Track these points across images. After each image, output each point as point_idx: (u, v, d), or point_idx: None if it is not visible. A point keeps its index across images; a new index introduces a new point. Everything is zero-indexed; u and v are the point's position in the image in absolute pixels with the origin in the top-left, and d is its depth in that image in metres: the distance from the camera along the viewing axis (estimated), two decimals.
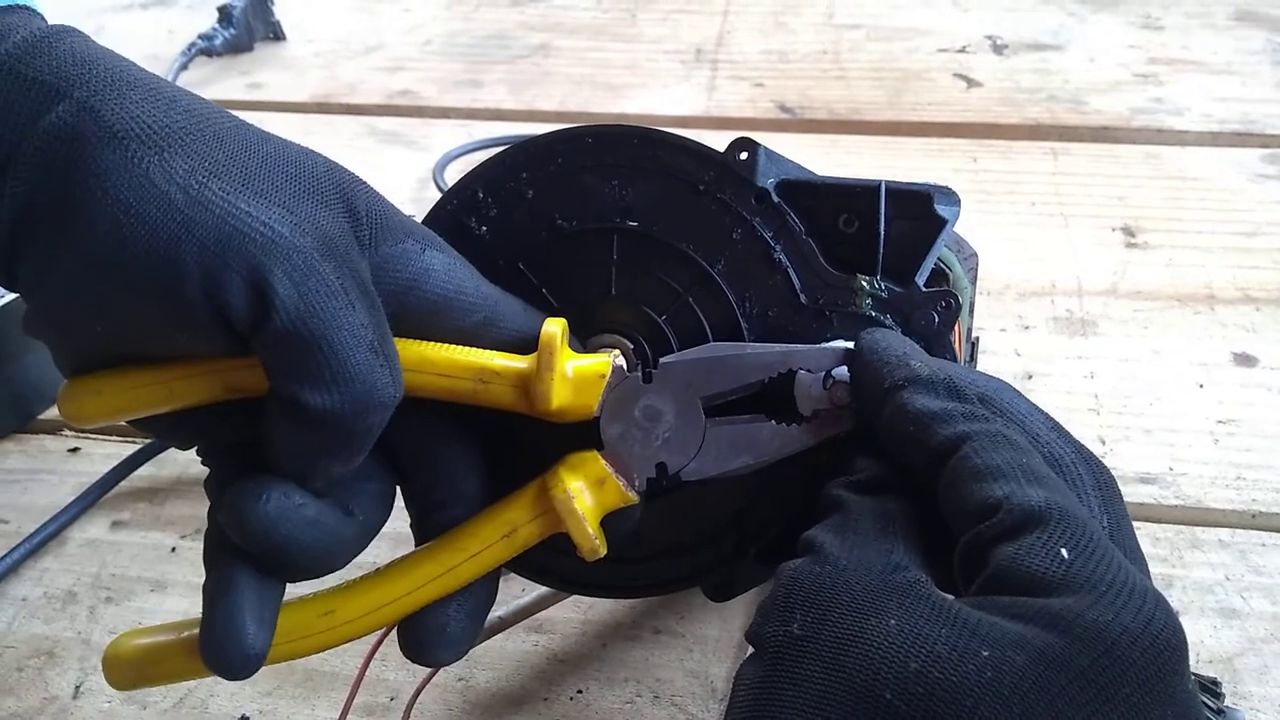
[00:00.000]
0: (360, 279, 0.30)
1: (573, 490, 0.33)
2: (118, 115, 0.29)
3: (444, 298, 0.33)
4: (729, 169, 0.36)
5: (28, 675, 0.47)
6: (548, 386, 0.33)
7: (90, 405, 0.32)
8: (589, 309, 0.37)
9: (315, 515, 0.32)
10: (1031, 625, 0.25)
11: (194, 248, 0.28)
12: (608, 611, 0.49)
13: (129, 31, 1.05)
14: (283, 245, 0.29)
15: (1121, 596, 0.25)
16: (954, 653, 0.25)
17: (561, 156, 0.37)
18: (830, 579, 0.28)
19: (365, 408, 0.30)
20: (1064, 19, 0.97)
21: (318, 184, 0.31)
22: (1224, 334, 0.62)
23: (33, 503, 0.56)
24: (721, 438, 0.34)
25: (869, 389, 0.32)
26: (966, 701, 0.24)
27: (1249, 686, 0.44)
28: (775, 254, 0.36)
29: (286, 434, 0.31)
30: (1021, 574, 0.26)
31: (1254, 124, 0.80)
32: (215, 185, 0.29)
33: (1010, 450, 0.29)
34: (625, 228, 0.37)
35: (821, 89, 0.88)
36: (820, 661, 0.26)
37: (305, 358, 0.29)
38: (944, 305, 0.35)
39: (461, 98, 0.91)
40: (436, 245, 0.34)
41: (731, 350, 0.34)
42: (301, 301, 0.29)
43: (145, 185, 0.28)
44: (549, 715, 0.45)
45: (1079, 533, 0.27)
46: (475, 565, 0.34)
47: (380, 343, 0.30)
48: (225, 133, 0.31)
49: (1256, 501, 0.52)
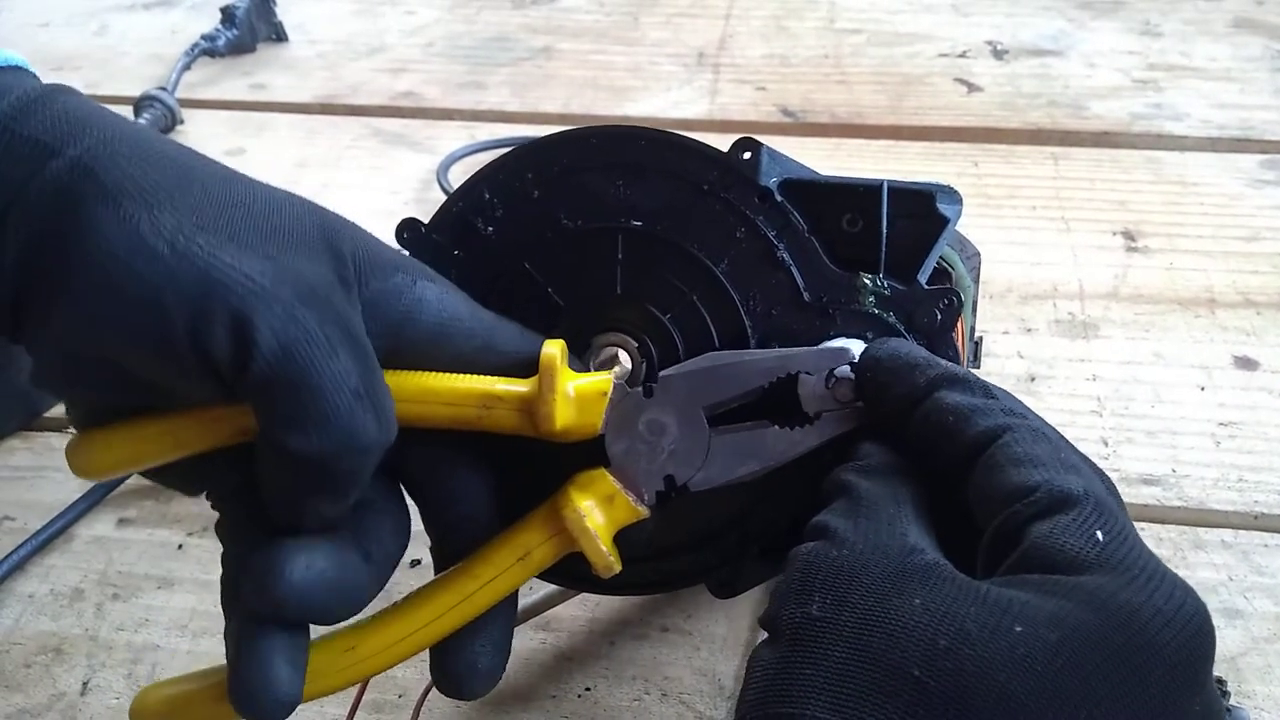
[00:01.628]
0: (345, 324, 0.31)
1: (583, 509, 0.34)
2: (110, 173, 0.30)
3: (439, 325, 0.34)
4: (732, 169, 0.37)
5: (35, 672, 0.47)
6: (551, 408, 0.33)
7: (99, 458, 0.33)
8: (594, 308, 0.38)
9: (335, 576, 0.33)
10: (1065, 602, 0.25)
11: (180, 298, 0.29)
12: (615, 610, 0.49)
13: (132, 31, 1.05)
14: (263, 295, 0.30)
15: (1154, 580, 0.26)
16: (985, 630, 0.25)
17: (567, 157, 0.38)
18: (848, 561, 0.28)
19: (348, 451, 0.31)
20: (1064, 25, 0.97)
21: (301, 232, 0.32)
22: (1225, 337, 0.62)
23: (39, 500, 0.56)
24: (727, 446, 0.34)
25: (901, 389, 0.32)
26: (999, 676, 0.24)
27: (1253, 685, 0.44)
28: (779, 253, 0.36)
29: (275, 477, 0.32)
30: (1055, 551, 0.26)
31: (1253, 130, 0.81)
32: (201, 239, 0.30)
33: (1048, 443, 0.29)
34: (630, 227, 0.37)
35: (824, 93, 0.89)
36: (842, 641, 0.26)
37: (287, 402, 0.30)
38: (946, 303, 0.36)
39: (465, 99, 0.91)
40: (427, 276, 0.35)
41: (730, 358, 0.34)
42: (281, 349, 0.29)
43: (135, 240, 0.29)
44: (557, 713, 0.45)
45: (1113, 518, 0.27)
46: (492, 591, 0.35)
47: (366, 387, 0.31)
48: (211, 185, 0.32)
49: (1259, 503, 0.52)
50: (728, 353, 0.35)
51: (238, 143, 0.86)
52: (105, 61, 1.00)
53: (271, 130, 0.88)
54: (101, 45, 1.03)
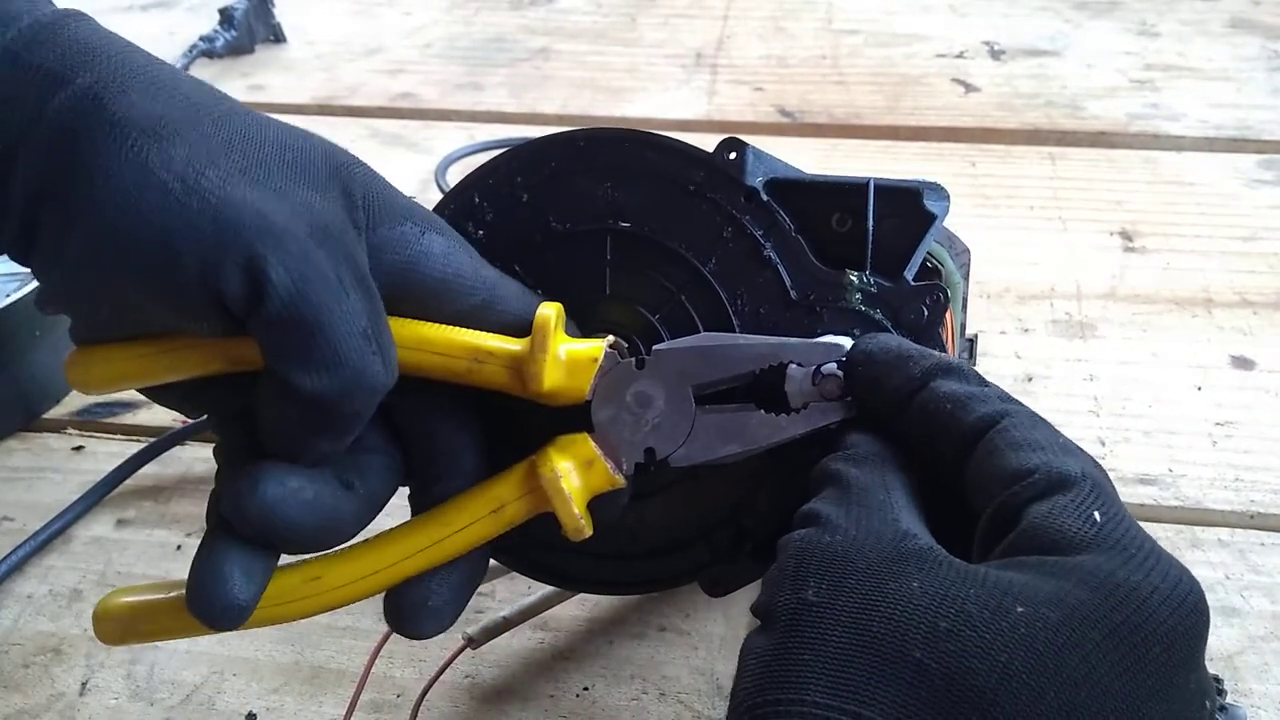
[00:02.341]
0: (355, 264, 0.31)
1: (560, 470, 0.34)
2: (119, 104, 0.30)
3: (442, 280, 0.34)
4: (718, 169, 0.37)
5: (34, 672, 0.48)
6: (540, 368, 0.33)
7: (97, 371, 0.33)
8: (584, 309, 0.38)
9: (312, 498, 0.32)
10: (1064, 582, 0.25)
11: (191, 235, 0.29)
12: (613, 609, 0.49)
13: (130, 33, 1.04)
14: (277, 232, 0.29)
15: (1150, 559, 0.26)
16: (985, 610, 0.25)
17: (555, 160, 0.38)
18: (841, 547, 0.28)
19: (355, 392, 0.31)
20: (1061, 25, 0.97)
21: (313, 169, 0.32)
22: (1221, 337, 0.63)
23: (38, 501, 0.56)
24: (711, 425, 0.34)
25: (895, 380, 0.32)
26: (1001, 657, 0.24)
27: (1249, 684, 0.44)
28: (765, 251, 0.37)
29: (278, 412, 0.32)
30: (1053, 532, 0.26)
31: (1249, 130, 0.81)
32: (212, 174, 0.29)
33: (1046, 429, 0.30)
34: (618, 228, 0.37)
35: (821, 93, 0.89)
36: (840, 626, 0.26)
37: (298, 342, 0.30)
38: (933, 299, 0.36)
39: (463, 100, 0.91)
40: (436, 228, 0.34)
41: (724, 340, 0.35)
42: (295, 287, 0.29)
43: (145, 174, 0.29)
44: (555, 712, 0.45)
45: (1110, 500, 0.27)
46: (462, 539, 0.35)
47: (373, 329, 0.31)
48: (223, 119, 0.31)
49: (1255, 502, 0.52)
50: (723, 334, 0.35)
51: None
52: None
53: None
54: None
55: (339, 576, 0.34)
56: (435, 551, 0.35)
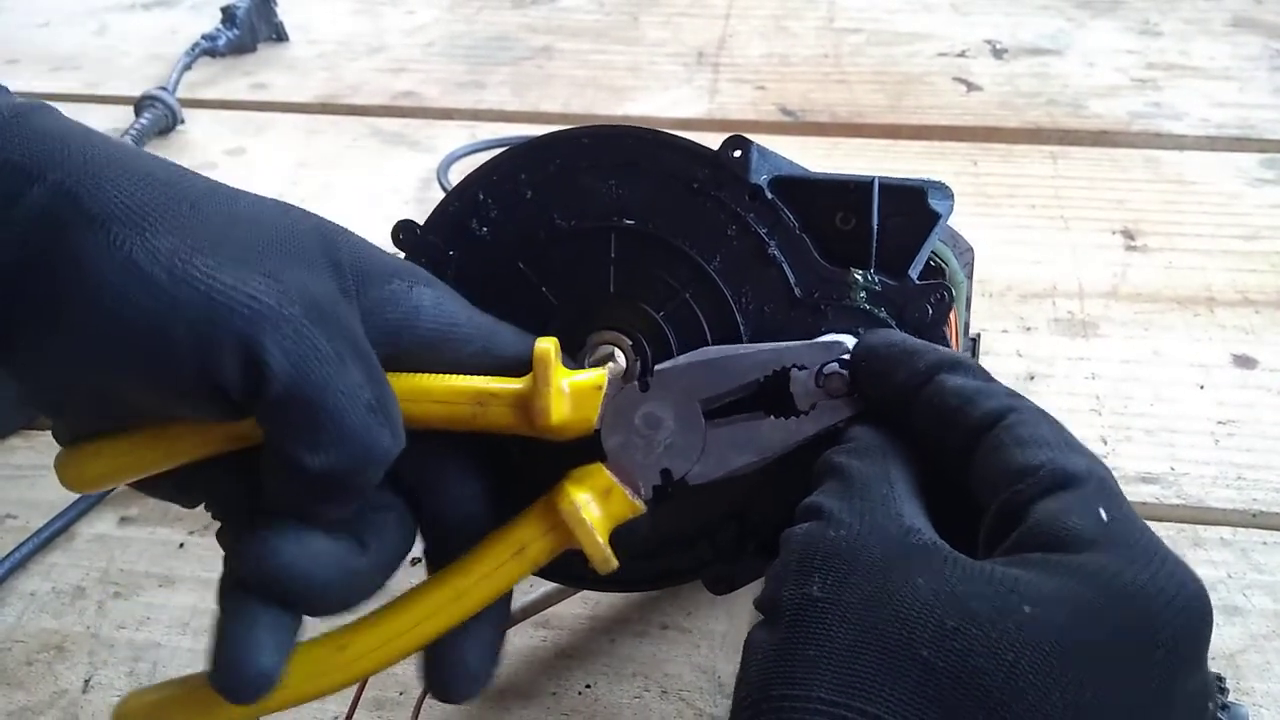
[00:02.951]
0: (352, 336, 0.31)
1: (580, 502, 0.33)
2: (95, 197, 0.29)
3: (437, 332, 0.34)
4: (723, 166, 0.37)
5: (37, 669, 0.48)
6: (546, 402, 0.33)
7: (90, 470, 0.32)
8: (589, 307, 0.38)
9: (331, 555, 0.32)
10: (1070, 581, 0.25)
11: (184, 327, 0.28)
12: (614, 608, 0.49)
13: (132, 31, 1.06)
14: (271, 316, 0.29)
15: (1156, 560, 0.26)
16: (993, 609, 0.25)
17: (559, 157, 0.38)
18: (846, 541, 0.28)
19: (364, 465, 0.30)
20: (1063, 24, 0.97)
21: (299, 245, 0.31)
22: (1223, 336, 0.63)
23: (40, 498, 0.56)
24: (723, 439, 0.34)
25: (901, 375, 0.32)
26: (1007, 656, 0.24)
27: (1251, 682, 0.44)
28: (770, 249, 0.37)
29: (283, 489, 0.31)
30: (1060, 529, 0.26)
31: (1252, 129, 0.81)
32: (199, 261, 0.29)
33: (1052, 425, 0.30)
34: (623, 226, 0.37)
35: (823, 92, 0.89)
36: (846, 622, 0.26)
37: (303, 423, 0.29)
38: (938, 297, 0.36)
39: (465, 99, 0.91)
40: (423, 281, 0.34)
41: (725, 352, 0.35)
42: (295, 369, 0.29)
43: (130, 269, 0.28)
44: (557, 710, 0.45)
45: (1117, 498, 0.27)
46: (487, 587, 0.34)
47: (378, 400, 0.31)
48: (202, 201, 0.31)
49: (1257, 501, 0.52)
50: (722, 347, 0.35)
51: (238, 143, 0.86)
52: (105, 61, 1.00)
53: (272, 130, 0.88)
54: (102, 45, 1.04)
55: (366, 644, 0.33)
56: (463, 603, 0.34)
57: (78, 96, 0.95)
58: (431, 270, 0.37)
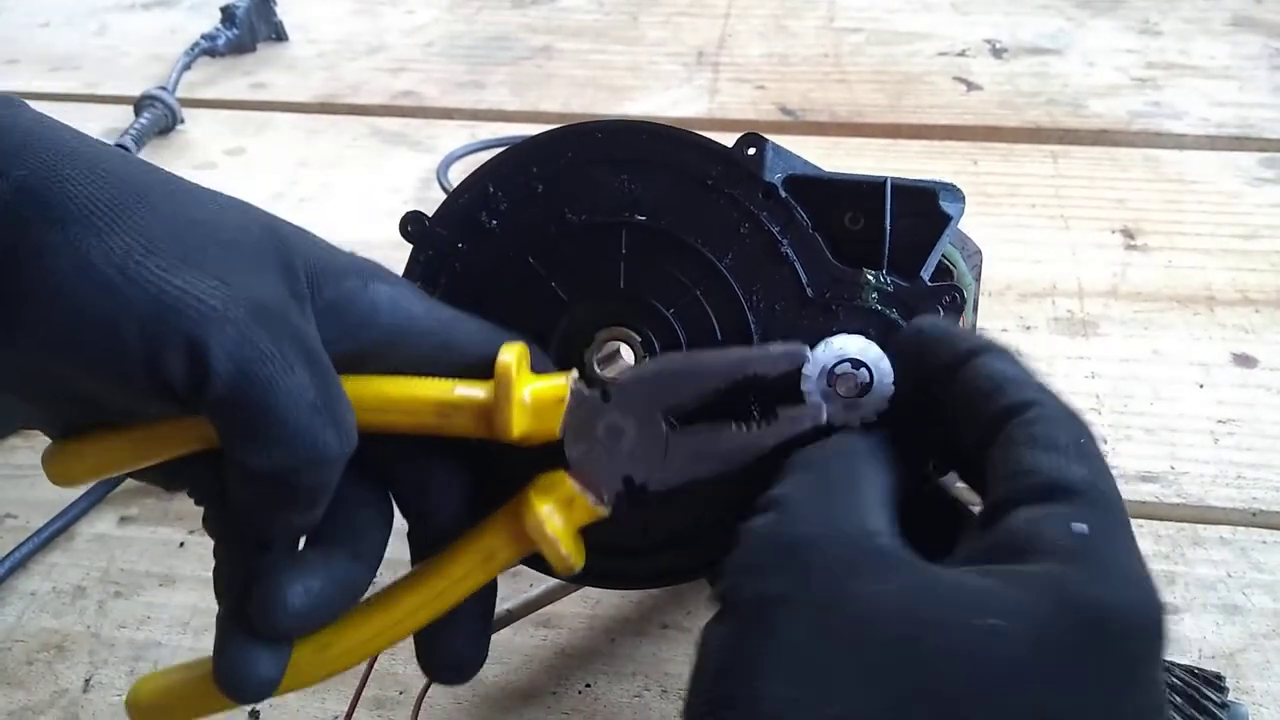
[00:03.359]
0: (299, 338, 0.31)
1: (543, 515, 0.34)
2: (55, 195, 0.29)
3: (395, 327, 0.34)
4: (737, 164, 0.37)
5: (38, 669, 0.48)
6: (507, 417, 0.34)
7: (74, 468, 0.34)
8: (598, 303, 0.38)
9: (334, 591, 0.34)
10: (1028, 593, 0.25)
11: (133, 326, 0.29)
12: (615, 607, 0.49)
13: (131, 31, 1.06)
14: (215, 318, 0.29)
15: (1117, 578, 0.26)
16: (953, 619, 0.25)
17: (571, 151, 0.38)
18: (805, 538, 0.28)
19: (309, 465, 0.31)
20: (1063, 23, 0.97)
21: (252, 248, 0.32)
22: (1223, 335, 0.63)
23: (41, 498, 0.56)
24: (684, 447, 0.34)
25: (944, 354, 0.32)
26: (964, 669, 0.24)
27: (1251, 681, 0.44)
28: (782, 248, 0.37)
29: (240, 491, 0.32)
30: (1033, 537, 0.26)
31: (1251, 128, 0.81)
32: (151, 263, 0.29)
33: (1071, 427, 0.29)
34: (634, 222, 0.37)
35: (823, 91, 0.89)
36: (804, 622, 0.26)
37: (245, 422, 0.30)
38: (949, 299, 0.36)
39: (464, 99, 0.91)
40: (379, 278, 0.35)
41: (686, 362, 0.35)
42: (236, 369, 0.29)
43: (85, 269, 0.29)
44: (557, 709, 0.45)
45: (1108, 516, 0.27)
46: (461, 589, 0.35)
47: (325, 401, 0.31)
48: (161, 203, 0.31)
49: (1257, 500, 0.52)
50: (685, 354, 0.35)
51: (238, 142, 0.86)
52: (105, 61, 1.00)
53: (272, 129, 0.88)
54: (101, 45, 1.04)
55: (347, 643, 0.35)
56: (438, 604, 0.35)
57: (77, 96, 0.95)
58: (439, 262, 0.37)
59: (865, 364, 0.34)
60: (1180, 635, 0.46)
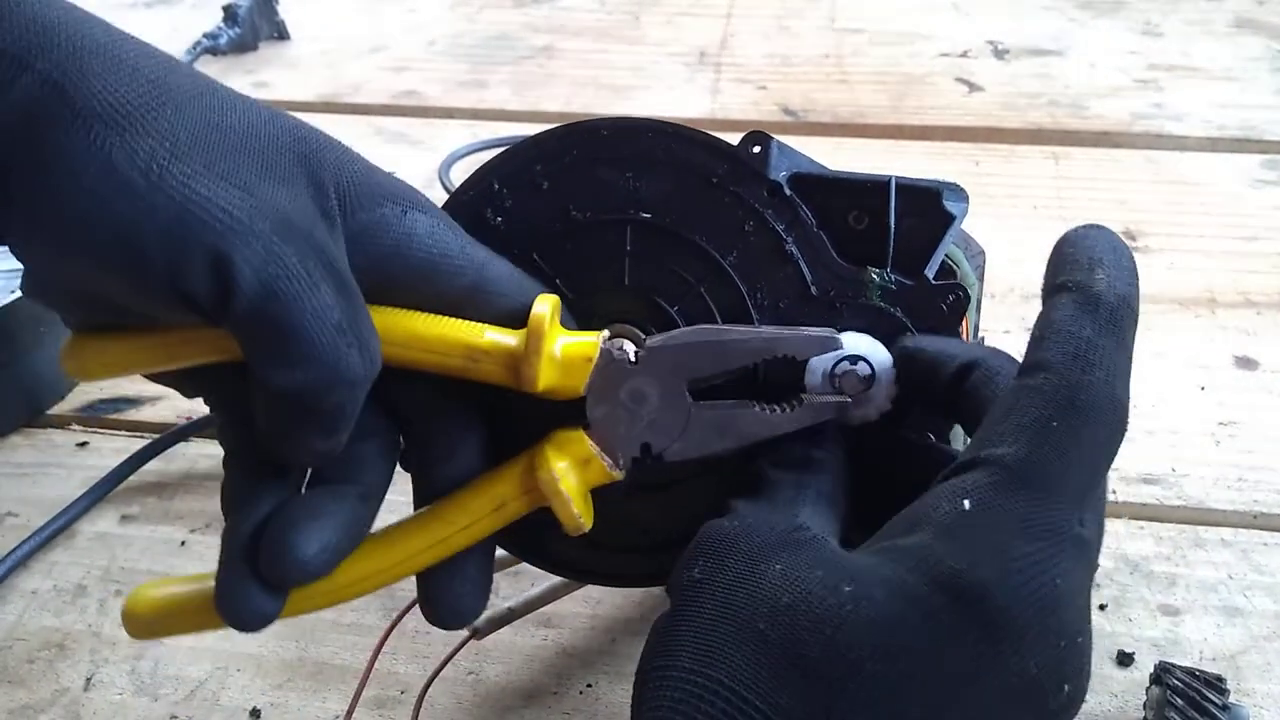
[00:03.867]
0: (326, 257, 0.30)
1: (558, 471, 0.34)
2: (80, 91, 0.29)
3: (429, 261, 0.33)
4: (742, 162, 0.37)
5: (39, 667, 0.48)
6: (534, 369, 0.33)
7: (93, 362, 0.33)
8: (602, 299, 0.38)
9: (347, 540, 0.34)
10: (896, 564, 0.27)
11: (156, 234, 0.28)
12: (616, 607, 0.49)
13: (133, 30, 1.04)
14: (241, 231, 0.29)
15: (986, 550, 0.27)
16: (823, 589, 0.27)
17: (576, 148, 0.38)
18: (733, 532, 0.30)
19: (332, 386, 0.30)
20: (1065, 25, 0.97)
21: (280, 159, 0.31)
22: (1225, 337, 0.63)
23: (42, 496, 0.56)
24: (705, 421, 0.34)
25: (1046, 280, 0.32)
26: (826, 630, 0.27)
27: (1252, 683, 0.44)
28: (787, 246, 0.37)
29: (265, 410, 0.32)
30: (920, 510, 0.29)
31: (1253, 130, 0.81)
32: (176, 169, 0.29)
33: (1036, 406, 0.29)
34: (639, 219, 0.37)
35: (825, 92, 0.89)
36: (713, 601, 0.29)
37: (269, 339, 0.29)
38: (953, 298, 0.36)
39: (466, 98, 0.91)
40: (420, 206, 0.34)
41: (718, 334, 0.35)
42: (261, 285, 0.29)
43: (108, 170, 0.28)
44: (558, 709, 0.45)
45: (1009, 495, 0.28)
46: (467, 536, 0.35)
47: (348, 321, 0.30)
48: (187, 103, 0.30)
49: (1258, 502, 0.52)
50: (717, 327, 0.35)
51: None
52: None
53: None
54: None
55: (350, 575, 0.35)
56: (441, 548, 0.35)
57: None
58: None
59: (866, 360, 0.34)
60: (1181, 637, 0.46)
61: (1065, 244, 0.32)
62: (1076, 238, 0.33)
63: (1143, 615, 0.47)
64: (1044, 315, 0.31)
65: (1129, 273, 0.31)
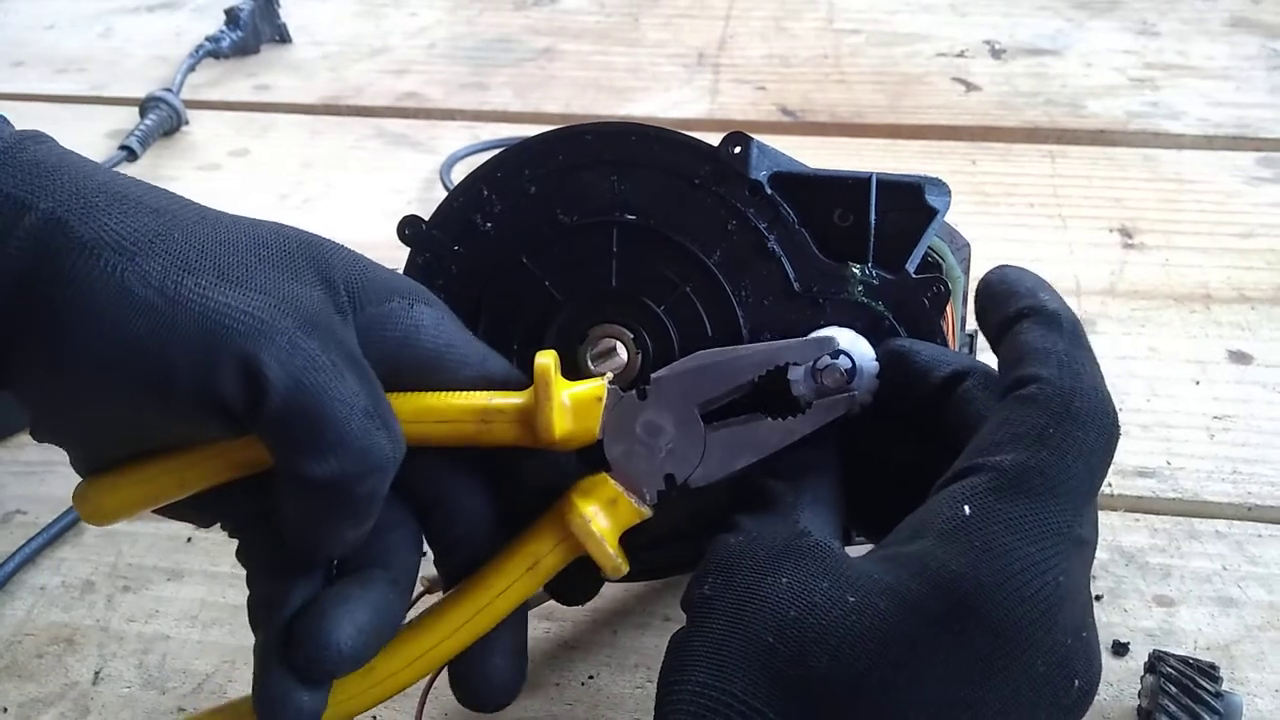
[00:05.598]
0: (346, 348, 0.31)
1: (588, 514, 0.34)
2: (86, 225, 0.29)
3: (435, 351, 0.34)
4: (723, 163, 0.37)
5: (47, 662, 0.48)
6: (549, 417, 0.34)
7: (108, 504, 0.33)
8: (591, 301, 0.38)
9: (381, 625, 0.33)
10: (900, 572, 0.28)
11: (181, 347, 0.29)
12: (617, 600, 0.49)
13: (136, 33, 1.06)
14: (265, 330, 0.29)
15: (985, 554, 0.27)
16: (828, 600, 0.28)
17: (562, 153, 0.39)
18: (740, 547, 0.31)
19: (365, 472, 0.31)
20: (1061, 24, 0.98)
21: (290, 261, 0.32)
22: (1219, 332, 0.63)
23: (50, 494, 0.56)
24: (723, 441, 0.35)
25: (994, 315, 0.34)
26: (831, 641, 0.27)
27: (1246, 672, 0.45)
28: (769, 244, 0.37)
29: (295, 505, 0.32)
30: (923, 518, 0.29)
31: (1248, 128, 0.81)
32: (191, 282, 0.29)
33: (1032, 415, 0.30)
34: (624, 221, 0.38)
35: (823, 92, 0.90)
36: (724, 616, 0.29)
37: (303, 432, 0.30)
38: (934, 291, 0.36)
39: (467, 100, 0.92)
40: (424, 299, 0.35)
41: (720, 355, 0.35)
42: (291, 380, 0.29)
43: (123, 294, 0.29)
44: (560, 701, 0.45)
45: (1009, 500, 0.28)
46: (505, 601, 0.35)
47: (375, 407, 0.31)
48: (192, 226, 0.31)
49: (1252, 494, 0.53)
50: (717, 350, 0.36)
51: (242, 143, 0.87)
52: (110, 63, 1.01)
53: (276, 131, 0.89)
54: (107, 47, 1.04)
55: (392, 666, 0.34)
56: (483, 618, 0.35)
57: (83, 98, 0.96)
58: (436, 265, 0.38)
59: (848, 354, 0.35)
60: (1176, 627, 0.47)
61: (996, 284, 0.34)
62: (1004, 275, 0.34)
63: (1138, 606, 0.48)
64: (1011, 341, 0.32)
65: (1059, 295, 0.33)
